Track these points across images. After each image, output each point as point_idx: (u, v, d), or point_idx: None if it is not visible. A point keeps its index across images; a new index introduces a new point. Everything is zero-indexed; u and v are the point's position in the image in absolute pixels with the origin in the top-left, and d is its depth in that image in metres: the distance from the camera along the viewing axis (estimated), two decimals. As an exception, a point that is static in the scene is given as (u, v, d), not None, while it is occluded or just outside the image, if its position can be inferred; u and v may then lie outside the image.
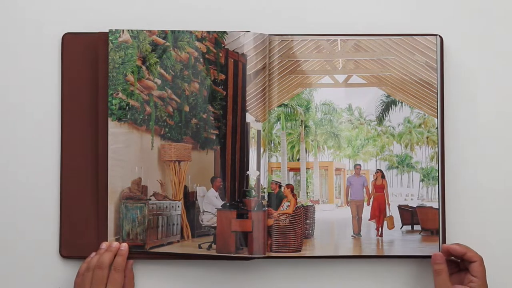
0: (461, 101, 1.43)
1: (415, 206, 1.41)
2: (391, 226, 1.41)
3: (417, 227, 1.41)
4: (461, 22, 1.44)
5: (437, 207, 1.40)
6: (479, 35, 1.44)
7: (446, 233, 1.40)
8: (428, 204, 1.40)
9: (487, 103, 1.43)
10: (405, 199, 1.42)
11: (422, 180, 1.41)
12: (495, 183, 1.43)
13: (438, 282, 1.34)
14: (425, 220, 1.40)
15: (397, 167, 1.42)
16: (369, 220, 1.42)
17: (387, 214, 1.42)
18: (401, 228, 1.41)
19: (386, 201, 1.42)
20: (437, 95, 1.41)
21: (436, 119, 1.41)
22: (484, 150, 1.43)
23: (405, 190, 1.42)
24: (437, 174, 1.40)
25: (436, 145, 1.40)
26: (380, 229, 1.41)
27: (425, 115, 1.41)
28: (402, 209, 1.41)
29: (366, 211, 1.43)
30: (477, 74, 1.44)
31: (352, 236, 1.42)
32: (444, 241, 1.39)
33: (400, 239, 1.40)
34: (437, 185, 1.40)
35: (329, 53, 1.42)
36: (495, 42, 1.44)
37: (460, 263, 1.38)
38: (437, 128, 1.41)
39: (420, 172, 1.41)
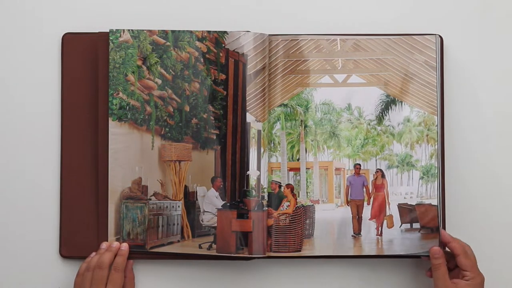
0: (461, 100, 1.44)
1: (414, 204, 1.41)
2: (391, 225, 1.41)
3: (416, 225, 1.41)
4: (461, 22, 1.45)
5: (436, 204, 1.40)
6: (479, 34, 1.44)
7: (446, 227, 1.40)
8: (427, 202, 1.40)
9: (487, 102, 1.44)
10: (404, 198, 1.42)
11: (422, 178, 1.41)
12: (496, 181, 1.43)
13: (437, 276, 1.34)
14: (424, 218, 1.40)
15: (397, 166, 1.43)
16: (369, 219, 1.43)
17: (387, 213, 1.42)
18: (400, 226, 1.41)
19: (386, 200, 1.42)
20: (437, 94, 1.41)
21: (436, 117, 1.41)
22: (484, 148, 1.43)
23: (405, 189, 1.42)
24: (437, 171, 1.40)
25: (434, 142, 1.41)
26: (380, 228, 1.41)
27: (425, 113, 1.41)
28: (402, 207, 1.41)
29: (366, 211, 1.43)
30: (477, 73, 1.44)
31: (352, 236, 1.42)
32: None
33: (399, 238, 1.40)
34: (436, 182, 1.40)
35: (328, 53, 1.43)
36: (495, 42, 1.44)
37: (452, 261, 1.38)
38: (437, 126, 1.41)
39: (420, 170, 1.41)
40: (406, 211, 1.41)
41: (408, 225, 1.41)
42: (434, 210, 1.39)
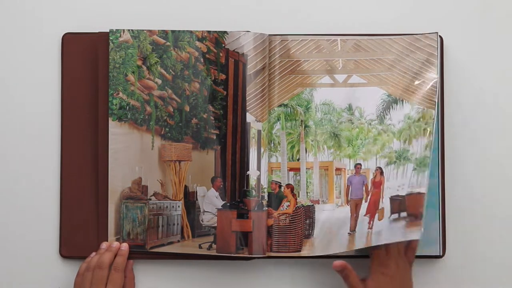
0: (461, 100, 1.44)
1: (404, 194, 1.40)
2: (381, 217, 1.40)
3: (403, 214, 1.39)
4: (461, 22, 1.45)
5: (424, 192, 1.37)
6: (479, 34, 1.45)
7: (446, 230, 1.41)
8: (417, 190, 1.39)
9: (487, 102, 1.44)
10: (397, 190, 1.41)
11: (415, 169, 1.40)
12: (496, 181, 1.43)
13: (349, 283, 1.34)
14: (411, 206, 1.38)
15: (394, 162, 1.42)
16: (364, 215, 1.42)
17: (380, 207, 1.41)
18: (389, 217, 1.40)
19: (381, 195, 1.41)
20: (437, 94, 1.41)
21: (433, 111, 1.39)
22: (484, 148, 1.43)
23: (399, 181, 1.41)
24: (428, 161, 1.38)
25: (430, 134, 1.39)
26: (371, 222, 1.41)
27: (424, 109, 1.40)
28: (393, 199, 1.40)
29: (364, 208, 1.42)
30: (477, 73, 1.44)
31: (348, 233, 1.42)
32: (444, 236, 1.40)
33: (387, 228, 1.39)
34: (426, 171, 1.37)
35: (329, 53, 1.43)
36: (495, 42, 1.44)
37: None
38: (437, 127, 1.41)
39: (414, 162, 1.40)
40: (396, 202, 1.40)
41: (396, 215, 1.40)
42: (421, 198, 1.37)
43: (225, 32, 1.41)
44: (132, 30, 1.40)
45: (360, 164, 1.43)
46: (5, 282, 1.42)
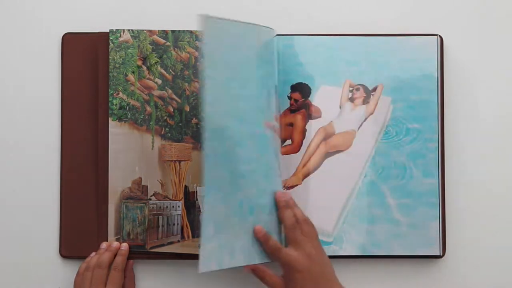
0: (461, 100, 1.44)
1: None
2: None
3: None
4: (461, 22, 1.45)
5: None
6: (479, 34, 1.45)
7: (446, 230, 1.41)
8: None
9: (487, 102, 1.44)
10: None
11: None
12: (496, 181, 1.43)
13: (266, 283, 1.31)
14: None
15: None
16: None
17: None
18: None
19: None
20: (437, 95, 1.41)
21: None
22: (484, 149, 1.43)
23: None
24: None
25: None
26: None
27: None
28: None
29: None
30: (477, 73, 1.44)
31: None
32: (444, 237, 1.40)
33: None
34: None
35: (329, 53, 1.43)
36: (495, 42, 1.44)
37: None
38: (438, 127, 1.41)
39: None
40: None
41: None
42: None
43: (225, 32, 1.40)
44: (132, 30, 1.40)
45: None
46: (5, 282, 1.42)
